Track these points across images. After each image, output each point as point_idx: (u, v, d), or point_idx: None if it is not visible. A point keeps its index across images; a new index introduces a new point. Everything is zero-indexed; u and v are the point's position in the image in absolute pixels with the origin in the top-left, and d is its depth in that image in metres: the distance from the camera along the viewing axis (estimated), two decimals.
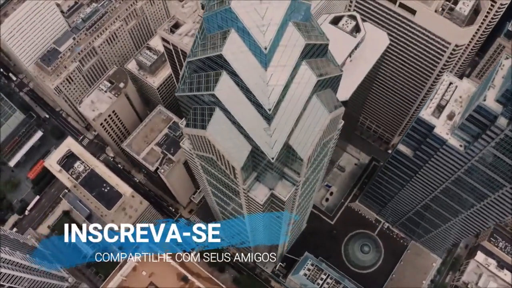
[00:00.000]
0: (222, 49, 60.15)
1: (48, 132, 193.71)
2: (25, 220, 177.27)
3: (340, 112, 76.23)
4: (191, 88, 70.51)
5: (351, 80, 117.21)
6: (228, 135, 70.64)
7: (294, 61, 61.01)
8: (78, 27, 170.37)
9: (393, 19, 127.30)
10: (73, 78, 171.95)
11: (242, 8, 56.25)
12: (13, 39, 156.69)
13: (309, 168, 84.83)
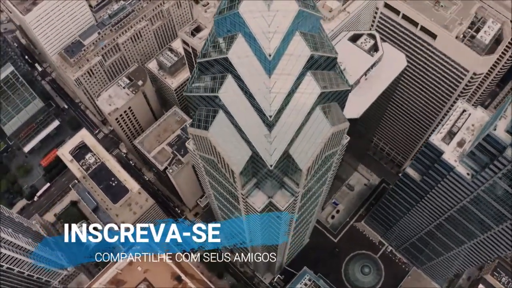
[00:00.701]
0: (228, 53, 61.03)
1: (65, 123, 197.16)
2: (33, 206, 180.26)
3: (344, 127, 76.03)
4: (198, 88, 71.45)
5: (364, 98, 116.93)
6: (229, 138, 71.22)
7: (299, 70, 61.45)
8: (104, 22, 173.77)
9: (413, 41, 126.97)
10: (94, 71, 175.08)
11: (250, 14, 57.08)
12: (40, 28, 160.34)
13: (309, 180, 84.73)
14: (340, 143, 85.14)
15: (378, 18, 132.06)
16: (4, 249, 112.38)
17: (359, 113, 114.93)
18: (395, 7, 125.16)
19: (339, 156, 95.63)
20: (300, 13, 56.98)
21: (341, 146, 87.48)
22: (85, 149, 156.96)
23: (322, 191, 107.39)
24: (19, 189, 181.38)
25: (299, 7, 56.04)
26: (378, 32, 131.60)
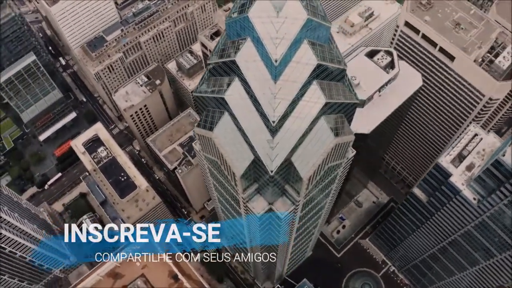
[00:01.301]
0: (236, 56, 61.74)
1: (82, 115, 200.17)
2: (42, 194, 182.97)
3: (349, 139, 75.96)
4: (207, 89, 72.24)
5: (376, 115, 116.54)
6: (232, 141, 71.79)
7: (304, 78, 61.79)
8: (128, 20, 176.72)
9: (431, 62, 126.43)
10: (114, 67, 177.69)
11: (259, 19, 57.78)
12: (64, 20, 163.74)
13: (311, 190, 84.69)
14: (345, 156, 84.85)
15: (398, 36, 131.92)
16: (7, 232, 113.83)
17: (369, 128, 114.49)
18: (415, 26, 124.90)
19: (344, 169, 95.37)
20: (309, 21, 57.44)
21: (346, 159, 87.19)
22: (98, 143, 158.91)
23: (325, 203, 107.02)
24: (30, 176, 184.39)
25: (308, 16, 56.54)
26: (396, 50, 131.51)
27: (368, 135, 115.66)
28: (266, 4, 57.07)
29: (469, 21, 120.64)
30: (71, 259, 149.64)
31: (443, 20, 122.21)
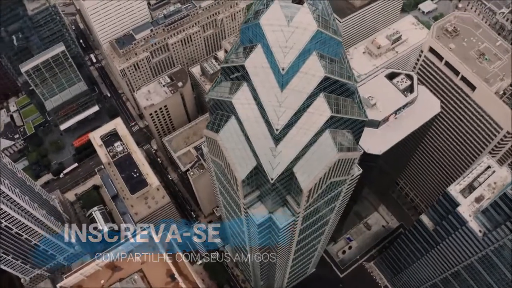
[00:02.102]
0: (246, 61, 62.66)
1: (105, 109, 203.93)
2: (57, 182, 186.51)
3: (353, 156, 75.77)
4: (217, 93, 73.29)
5: (390, 137, 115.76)
6: (236, 145, 72.39)
7: (311, 89, 62.17)
8: (158, 21, 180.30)
9: (451, 90, 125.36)
10: (140, 65, 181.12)
11: (270, 27, 58.63)
12: (96, 15, 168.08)
13: (312, 204, 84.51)
14: (350, 173, 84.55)
15: (421, 61, 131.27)
16: (15, 212, 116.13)
17: (381, 150, 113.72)
18: (439, 52, 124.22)
19: (349, 186, 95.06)
20: (318, 33, 57.98)
21: (350, 176, 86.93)
22: (116, 137, 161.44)
23: (329, 220, 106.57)
24: (47, 164, 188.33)
25: (318, 28, 57.10)
26: (418, 75, 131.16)
27: (380, 157, 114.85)
28: (278, 13, 57.97)
29: (494, 52, 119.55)
30: (76, 248, 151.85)
31: (468, 49, 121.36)
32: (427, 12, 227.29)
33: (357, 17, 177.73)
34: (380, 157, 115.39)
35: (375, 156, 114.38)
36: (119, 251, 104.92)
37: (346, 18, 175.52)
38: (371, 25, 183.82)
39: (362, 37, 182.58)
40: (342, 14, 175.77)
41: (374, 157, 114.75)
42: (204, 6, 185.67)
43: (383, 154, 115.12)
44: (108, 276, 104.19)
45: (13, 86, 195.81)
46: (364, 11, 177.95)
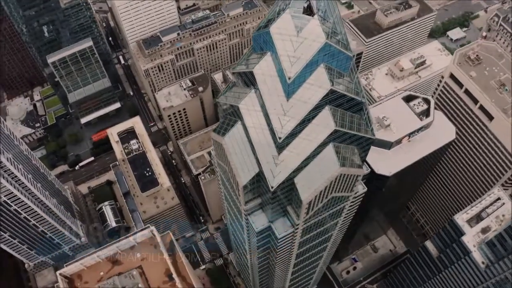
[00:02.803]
0: (254, 68, 63.51)
1: (126, 107, 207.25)
2: (72, 173, 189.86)
3: (357, 172, 75.48)
4: (227, 97, 74.29)
5: (402, 159, 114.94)
6: (241, 150, 72.98)
7: (316, 101, 62.48)
8: (186, 25, 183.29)
9: (469, 117, 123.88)
10: (164, 67, 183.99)
11: (279, 35, 59.33)
12: (126, 14, 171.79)
13: (313, 217, 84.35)
14: (353, 189, 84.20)
15: (441, 87, 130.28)
16: (25, 197, 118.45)
17: (391, 171, 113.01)
18: (459, 79, 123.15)
19: (353, 204, 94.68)
20: (327, 46, 58.42)
21: (354, 193, 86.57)
22: (132, 135, 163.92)
23: (331, 236, 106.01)
24: (64, 154, 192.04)
25: (326, 40, 57.59)
26: (437, 100, 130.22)
27: (389, 178, 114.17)
28: (289, 22, 58.64)
29: None
30: (82, 240, 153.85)
31: (489, 78, 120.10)
32: (455, 39, 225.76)
33: (383, 38, 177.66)
34: (390, 179, 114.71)
35: (384, 177, 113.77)
36: (120, 246, 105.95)
37: (372, 39, 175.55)
38: (396, 48, 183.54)
39: (387, 58, 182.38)
40: (368, 34, 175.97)
41: (384, 178, 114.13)
42: (232, 15, 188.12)
43: (393, 175, 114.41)
44: (107, 269, 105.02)
45: (39, 76, 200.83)
46: (391, 33, 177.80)
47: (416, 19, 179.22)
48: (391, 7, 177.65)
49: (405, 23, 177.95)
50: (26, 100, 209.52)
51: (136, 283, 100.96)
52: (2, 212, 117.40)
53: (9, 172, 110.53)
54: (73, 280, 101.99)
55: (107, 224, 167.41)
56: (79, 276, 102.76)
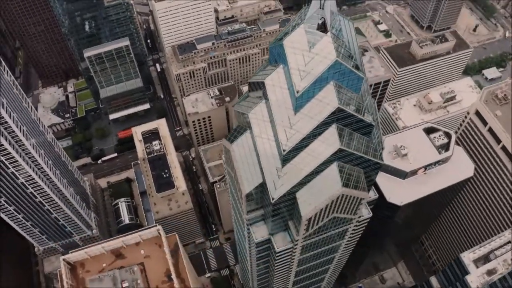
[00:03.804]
0: (266, 79, 64.72)
1: (155, 109, 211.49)
2: (94, 167, 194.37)
3: (360, 195, 75.02)
4: (241, 106, 75.69)
5: (415, 191, 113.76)
6: (247, 159, 73.81)
7: (322, 117, 62.91)
8: (221, 36, 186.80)
9: (490, 157, 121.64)
10: (195, 74, 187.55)
11: (292, 49, 60.37)
12: (165, 19, 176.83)
13: (313, 235, 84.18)
14: (356, 213, 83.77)
15: (466, 123, 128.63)
16: (42, 181, 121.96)
17: (402, 201, 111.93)
18: (484, 117, 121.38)
19: (357, 228, 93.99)
20: (337, 64, 59.03)
21: (357, 216, 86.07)
22: (156, 136, 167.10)
23: (333, 258, 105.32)
24: (89, 147, 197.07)
25: (337, 58, 58.27)
26: (460, 136, 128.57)
27: (400, 208, 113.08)
28: (302, 37, 59.69)
29: None
30: (94, 232, 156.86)
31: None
32: (490, 79, 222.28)
33: (415, 69, 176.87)
34: (401, 208, 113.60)
35: (395, 206, 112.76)
36: (126, 240, 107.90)
37: (404, 68, 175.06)
38: (428, 80, 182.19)
39: (417, 89, 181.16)
40: (401, 64, 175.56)
41: (395, 207, 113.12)
42: (268, 31, 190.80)
43: (405, 206, 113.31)
44: (110, 261, 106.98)
45: (75, 68, 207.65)
46: (424, 65, 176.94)
47: (451, 53, 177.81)
48: (427, 39, 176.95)
49: (439, 56, 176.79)
50: (59, 90, 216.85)
51: (136, 278, 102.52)
52: (19, 193, 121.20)
53: (30, 156, 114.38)
54: (75, 268, 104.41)
55: (121, 220, 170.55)
56: (82, 264, 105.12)
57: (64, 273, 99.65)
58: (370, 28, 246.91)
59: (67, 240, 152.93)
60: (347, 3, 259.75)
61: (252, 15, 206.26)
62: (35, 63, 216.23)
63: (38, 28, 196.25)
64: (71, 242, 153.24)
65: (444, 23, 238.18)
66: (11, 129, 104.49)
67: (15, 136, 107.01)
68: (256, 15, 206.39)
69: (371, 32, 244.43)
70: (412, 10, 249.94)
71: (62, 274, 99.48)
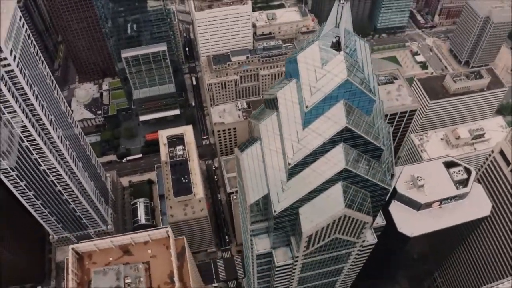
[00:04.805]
0: (278, 92, 66.00)
1: (185, 116, 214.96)
2: (118, 165, 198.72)
3: (362, 218, 74.68)
4: (255, 117, 77.22)
5: (428, 224, 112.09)
6: (254, 169, 74.89)
7: (330, 135, 63.54)
8: (256, 51, 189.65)
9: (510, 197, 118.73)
10: (226, 85, 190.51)
11: (305, 64, 61.51)
12: (203, 28, 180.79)
13: (314, 254, 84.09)
14: (360, 236, 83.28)
15: (489, 161, 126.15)
16: (64, 172, 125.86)
17: (413, 233, 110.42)
18: (508, 157, 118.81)
19: (361, 253, 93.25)
20: (348, 84, 59.69)
21: (361, 240, 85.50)
22: (180, 141, 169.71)
23: (335, 281, 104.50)
24: (117, 145, 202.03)
25: (347, 77, 58.95)
26: (482, 174, 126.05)
27: (411, 239, 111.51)
28: (316, 54, 60.74)
29: None
30: (109, 227, 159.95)
31: None
32: None
33: (447, 103, 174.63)
34: (412, 240, 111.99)
35: (406, 237, 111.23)
36: (135, 238, 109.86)
37: (436, 101, 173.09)
38: (458, 115, 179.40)
39: (447, 123, 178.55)
40: (433, 96, 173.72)
41: (405, 238, 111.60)
42: None
43: (416, 238, 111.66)
44: (117, 256, 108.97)
45: (112, 68, 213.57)
46: (456, 100, 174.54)
47: (485, 91, 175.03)
48: (462, 74, 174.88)
49: (472, 92, 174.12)
50: (95, 87, 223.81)
51: (139, 276, 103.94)
52: (40, 180, 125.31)
53: (54, 145, 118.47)
54: (83, 258, 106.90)
55: (137, 220, 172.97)
56: (89, 255, 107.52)
57: (71, 261, 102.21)
58: (407, 58, 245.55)
59: (81, 232, 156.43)
60: (387, 31, 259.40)
61: (289, 34, 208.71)
62: (74, 58, 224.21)
63: (80, 24, 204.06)
64: (85, 234, 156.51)
65: (482, 60, 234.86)
66: (39, 116, 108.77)
67: (42, 124, 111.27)
68: (294, 34, 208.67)
69: (407, 62, 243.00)
70: (452, 45, 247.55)
71: (69, 263, 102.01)
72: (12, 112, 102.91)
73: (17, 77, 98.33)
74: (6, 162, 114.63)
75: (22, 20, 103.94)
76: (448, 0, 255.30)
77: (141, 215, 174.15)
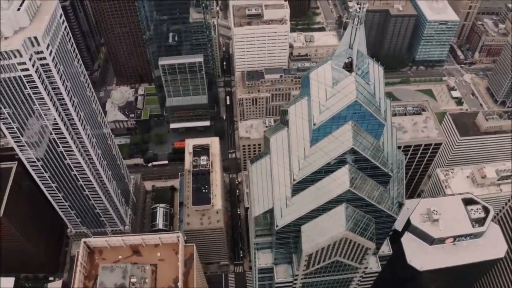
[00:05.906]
0: (289, 108, 67.34)
1: (214, 128, 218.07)
2: (144, 168, 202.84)
3: (364, 243, 74.56)
4: (269, 131, 78.79)
5: (439, 259, 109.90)
6: (262, 182, 76.30)
7: (335, 155, 64.21)
8: (290, 71, 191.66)
9: None
10: (257, 102, 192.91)
11: (316, 82, 62.71)
12: (240, 44, 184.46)
13: (314, 274, 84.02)
14: (362, 262, 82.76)
15: (511, 203, 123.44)
16: (87, 168, 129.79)
17: (423, 267, 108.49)
18: None
19: (364, 280, 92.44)
20: (357, 105, 60.31)
21: (363, 266, 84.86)
22: (205, 152, 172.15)
23: None
24: (145, 150, 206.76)
25: (356, 98, 59.64)
26: (503, 215, 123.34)
27: (420, 273, 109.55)
28: (328, 73, 61.92)
29: None
30: (126, 228, 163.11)
31: None
32: None
33: (476, 141, 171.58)
34: (421, 274, 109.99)
35: (414, 270, 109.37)
36: (146, 240, 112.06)
37: (466, 138, 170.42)
38: (487, 154, 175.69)
39: (475, 161, 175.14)
40: (463, 132, 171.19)
41: (414, 271, 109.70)
42: None
43: (425, 272, 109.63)
44: (127, 255, 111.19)
45: (149, 74, 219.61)
46: (486, 138, 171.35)
47: None
48: (495, 113, 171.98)
49: (504, 132, 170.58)
50: (130, 91, 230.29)
51: (145, 277, 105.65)
52: (64, 173, 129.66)
53: (81, 140, 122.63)
54: (93, 252, 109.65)
55: (155, 224, 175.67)
56: (100, 251, 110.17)
57: (81, 254, 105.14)
58: (443, 92, 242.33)
59: (99, 229, 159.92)
60: (425, 64, 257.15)
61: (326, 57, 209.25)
62: (114, 61, 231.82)
63: (123, 29, 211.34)
64: (103, 232, 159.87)
65: None
66: (69, 111, 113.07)
67: (71, 119, 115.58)
68: (330, 57, 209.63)
69: (443, 97, 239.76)
70: (489, 83, 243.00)
71: (79, 255, 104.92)
72: (44, 105, 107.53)
73: (51, 71, 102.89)
74: (34, 152, 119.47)
75: (62, 17, 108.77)
76: (490, 38, 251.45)
77: (159, 220, 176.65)
